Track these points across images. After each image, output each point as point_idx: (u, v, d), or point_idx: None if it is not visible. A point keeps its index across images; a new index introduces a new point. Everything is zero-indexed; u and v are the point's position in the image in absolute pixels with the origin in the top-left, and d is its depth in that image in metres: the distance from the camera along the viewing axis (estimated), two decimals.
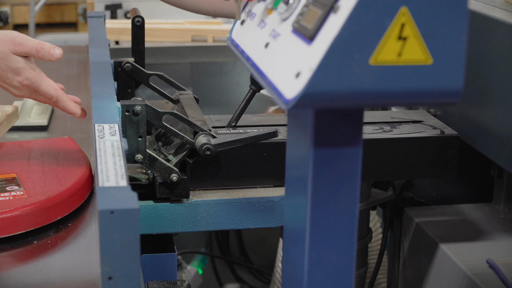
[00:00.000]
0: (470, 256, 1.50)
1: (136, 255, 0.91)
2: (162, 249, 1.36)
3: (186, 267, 2.40)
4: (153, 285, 1.22)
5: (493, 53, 1.43)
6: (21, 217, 1.17)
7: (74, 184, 1.27)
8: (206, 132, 1.34)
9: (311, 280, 0.96)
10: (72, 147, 1.43)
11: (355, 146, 0.93)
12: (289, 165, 1.01)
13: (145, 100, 1.34)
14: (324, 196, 0.93)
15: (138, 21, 1.57)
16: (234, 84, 2.70)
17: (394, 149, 1.44)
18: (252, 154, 1.40)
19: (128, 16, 2.76)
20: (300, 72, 0.84)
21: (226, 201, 1.37)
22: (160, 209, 1.34)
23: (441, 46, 0.83)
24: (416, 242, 1.65)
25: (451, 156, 1.47)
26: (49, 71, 2.06)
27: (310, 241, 0.95)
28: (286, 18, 0.96)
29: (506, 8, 1.51)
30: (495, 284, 1.42)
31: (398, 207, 1.75)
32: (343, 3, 0.82)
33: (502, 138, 1.42)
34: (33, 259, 1.14)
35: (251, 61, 1.01)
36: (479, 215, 1.67)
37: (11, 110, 1.52)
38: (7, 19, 3.46)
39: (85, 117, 1.40)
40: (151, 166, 1.31)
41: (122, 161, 1.07)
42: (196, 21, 2.59)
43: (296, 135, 0.97)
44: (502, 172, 1.65)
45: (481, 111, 1.48)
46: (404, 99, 0.86)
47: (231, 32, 1.19)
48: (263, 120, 1.54)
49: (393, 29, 0.81)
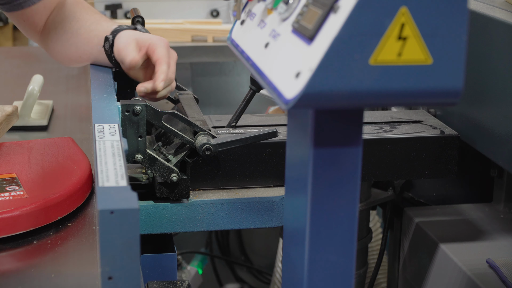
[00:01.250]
0: (470, 256, 1.50)
1: (136, 255, 0.91)
2: (162, 249, 1.36)
3: (186, 267, 2.40)
4: (153, 285, 1.22)
5: (493, 53, 1.43)
6: (21, 217, 1.17)
7: (74, 184, 1.27)
8: (206, 132, 1.34)
9: (311, 280, 0.96)
10: (72, 147, 1.43)
11: (355, 146, 0.93)
12: (289, 165, 1.01)
13: (145, 100, 1.35)
14: (324, 196, 0.93)
15: (138, 21, 1.57)
16: (234, 84, 2.70)
17: (394, 149, 1.44)
18: (252, 154, 1.40)
19: (128, 16, 2.76)
20: (300, 72, 0.84)
21: (226, 201, 1.37)
22: (160, 209, 1.34)
23: (441, 46, 0.83)
24: (416, 242, 1.65)
25: (451, 156, 1.47)
26: (49, 71, 2.07)
27: (310, 241, 0.95)
28: (286, 18, 0.96)
29: (506, 8, 1.51)
30: (495, 284, 1.42)
31: (398, 207, 1.75)
32: (343, 3, 0.82)
33: (502, 138, 1.42)
34: (33, 259, 1.14)
35: (251, 61, 1.01)
36: (479, 215, 1.67)
37: (11, 110, 1.52)
38: (7, 19, 3.46)
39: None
40: (151, 166, 1.31)
41: (122, 161, 1.07)
42: (196, 21, 2.60)
43: (296, 135, 0.97)
44: (502, 172, 1.65)
45: (481, 111, 1.48)
46: (404, 99, 0.86)
47: (231, 32, 1.19)
48: (263, 120, 1.54)
49: (393, 29, 0.81)
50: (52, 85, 1.94)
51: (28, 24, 1.62)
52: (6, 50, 2.91)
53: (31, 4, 1.57)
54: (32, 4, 1.57)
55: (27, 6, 1.57)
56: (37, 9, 1.58)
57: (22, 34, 3.55)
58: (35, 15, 1.59)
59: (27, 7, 1.57)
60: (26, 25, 1.62)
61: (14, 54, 2.47)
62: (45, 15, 1.60)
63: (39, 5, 1.57)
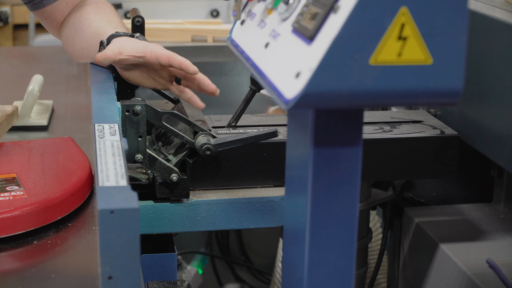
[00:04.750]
0: (470, 256, 1.50)
1: (136, 255, 0.91)
2: (162, 249, 1.36)
3: (186, 267, 2.40)
4: (153, 285, 1.22)
5: (493, 53, 1.43)
6: (21, 217, 1.17)
7: (74, 184, 1.27)
8: (206, 132, 1.34)
9: (311, 280, 0.96)
10: (72, 147, 1.43)
11: (355, 146, 0.93)
12: (289, 165, 1.01)
13: (145, 100, 1.35)
14: (324, 196, 0.93)
15: (138, 21, 1.57)
16: (234, 84, 2.69)
17: (394, 149, 1.44)
18: (252, 154, 1.40)
19: (128, 16, 2.76)
20: (300, 72, 0.84)
21: (226, 201, 1.37)
22: (160, 209, 1.34)
23: (441, 46, 0.83)
24: (416, 242, 1.65)
25: (451, 156, 1.47)
26: (49, 71, 2.07)
27: (310, 241, 0.95)
28: (286, 18, 0.96)
29: (506, 8, 1.51)
30: (495, 284, 1.42)
31: (398, 207, 1.75)
32: (343, 3, 0.82)
33: (502, 138, 1.42)
34: (33, 259, 1.14)
35: (251, 61, 1.01)
36: (479, 215, 1.67)
37: (11, 110, 1.52)
38: (7, 19, 3.47)
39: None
40: (151, 166, 1.31)
41: (122, 161, 1.07)
42: (196, 21, 2.60)
43: (296, 135, 0.97)
44: (502, 172, 1.65)
45: (481, 111, 1.48)
46: (404, 99, 0.86)
47: (231, 32, 1.19)
48: (263, 120, 1.54)
49: (393, 29, 0.81)
50: (52, 85, 1.94)
51: (50, 21, 1.67)
52: (6, 50, 2.91)
53: (52, 1, 1.62)
54: (53, 1, 1.62)
55: (48, 3, 1.63)
56: (58, 6, 1.63)
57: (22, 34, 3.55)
58: (56, 12, 1.65)
59: (48, 4, 1.63)
60: (48, 22, 1.68)
61: (14, 54, 2.47)
62: (66, 11, 1.65)
63: (60, 2, 1.63)
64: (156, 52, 1.44)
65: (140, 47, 1.45)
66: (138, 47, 1.45)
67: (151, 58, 1.44)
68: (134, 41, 1.47)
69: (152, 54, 1.44)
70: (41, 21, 1.70)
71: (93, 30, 1.57)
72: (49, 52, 2.40)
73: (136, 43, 1.46)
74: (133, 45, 1.46)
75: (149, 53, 1.44)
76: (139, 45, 1.46)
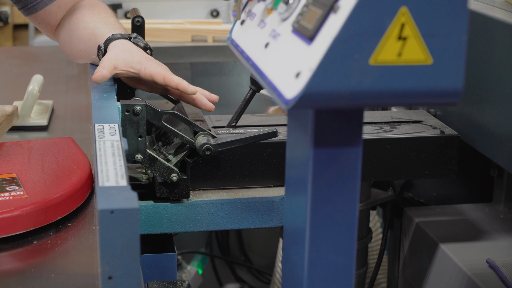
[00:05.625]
0: (470, 256, 1.50)
1: (136, 255, 0.91)
2: (162, 249, 1.36)
3: (186, 267, 2.40)
4: (153, 285, 1.22)
5: (493, 53, 1.43)
6: (21, 217, 1.17)
7: (74, 184, 1.27)
8: (206, 132, 1.34)
9: (311, 280, 0.96)
10: (72, 147, 1.43)
11: (355, 146, 0.93)
12: (289, 165, 1.01)
13: (145, 100, 1.35)
14: (324, 196, 0.93)
15: (138, 21, 1.57)
16: (234, 84, 2.69)
17: (394, 149, 1.44)
18: (252, 154, 1.40)
19: (128, 16, 2.76)
20: (300, 72, 0.84)
21: (226, 201, 1.37)
22: (160, 209, 1.34)
23: (441, 46, 0.83)
24: (416, 242, 1.65)
25: (451, 156, 1.47)
26: (49, 71, 2.07)
27: (310, 241, 0.95)
28: (286, 18, 0.96)
29: (506, 8, 1.51)
30: (495, 284, 1.42)
31: (398, 207, 1.75)
32: (343, 3, 0.82)
33: (502, 138, 1.42)
34: (33, 259, 1.14)
35: (251, 61, 1.01)
36: (479, 215, 1.67)
37: (11, 110, 1.52)
38: (7, 19, 3.46)
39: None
40: (151, 166, 1.31)
41: (122, 161, 1.07)
42: (196, 21, 2.60)
43: (296, 135, 0.97)
44: (502, 172, 1.65)
45: (481, 111, 1.48)
46: (404, 99, 0.86)
47: (231, 32, 1.19)
48: (263, 120, 1.54)
49: (393, 29, 0.81)
50: (52, 85, 1.94)
51: (44, 25, 1.69)
52: (6, 50, 2.91)
53: (44, 6, 1.63)
54: (45, 5, 1.63)
55: (40, 8, 1.64)
56: (50, 10, 1.64)
57: (22, 34, 3.55)
58: (49, 16, 1.66)
59: (40, 9, 1.64)
60: (43, 26, 1.70)
61: (14, 54, 2.47)
62: (59, 15, 1.66)
63: (51, 6, 1.64)
64: (150, 71, 1.41)
65: (135, 63, 1.43)
66: (132, 62, 1.43)
67: (145, 76, 1.42)
68: (129, 54, 1.45)
69: (147, 72, 1.42)
70: (37, 25, 1.71)
71: (90, 31, 1.57)
72: (49, 52, 2.40)
73: (131, 57, 1.44)
74: (128, 59, 1.43)
75: (143, 71, 1.42)
76: (134, 59, 1.43)
